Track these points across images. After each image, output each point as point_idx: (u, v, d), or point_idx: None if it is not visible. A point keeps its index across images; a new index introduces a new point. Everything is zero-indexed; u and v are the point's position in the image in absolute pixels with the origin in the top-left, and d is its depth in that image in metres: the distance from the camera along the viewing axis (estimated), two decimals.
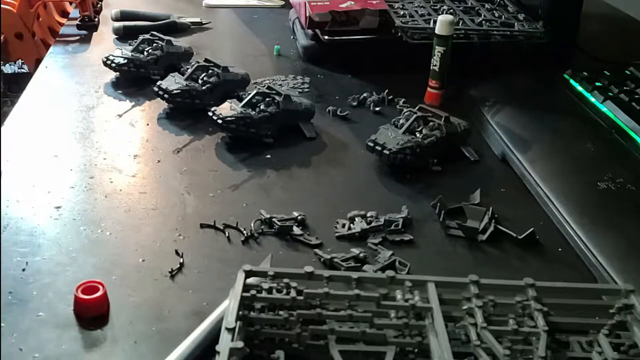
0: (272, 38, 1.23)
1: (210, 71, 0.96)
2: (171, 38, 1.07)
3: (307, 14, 1.08)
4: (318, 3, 1.09)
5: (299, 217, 0.73)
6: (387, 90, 1.02)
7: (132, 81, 1.03)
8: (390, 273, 0.57)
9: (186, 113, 0.94)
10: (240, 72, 0.99)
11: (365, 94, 1.01)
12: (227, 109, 0.87)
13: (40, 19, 1.44)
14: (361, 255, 0.68)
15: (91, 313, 0.59)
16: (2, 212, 0.72)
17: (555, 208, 0.76)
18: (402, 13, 1.11)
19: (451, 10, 1.14)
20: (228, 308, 0.52)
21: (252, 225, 0.72)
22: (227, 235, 0.71)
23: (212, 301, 0.60)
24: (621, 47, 1.24)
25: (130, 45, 1.06)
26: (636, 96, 0.93)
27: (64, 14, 1.48)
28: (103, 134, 0.90)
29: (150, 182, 0.80)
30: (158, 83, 0.95)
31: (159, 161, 0.84)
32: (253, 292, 0.54)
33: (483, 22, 1.11)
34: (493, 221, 0.73)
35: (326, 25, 1.09)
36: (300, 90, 1.04)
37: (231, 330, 0.50)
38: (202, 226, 0.72)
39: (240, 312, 0.53)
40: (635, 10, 1.37)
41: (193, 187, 0.79)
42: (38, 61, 1.27)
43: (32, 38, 1.41)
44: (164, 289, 0.63)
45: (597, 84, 0.97)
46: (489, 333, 0.52)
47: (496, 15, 1.14)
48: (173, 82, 0.94)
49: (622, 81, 0.98)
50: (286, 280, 0.56)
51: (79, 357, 0.55)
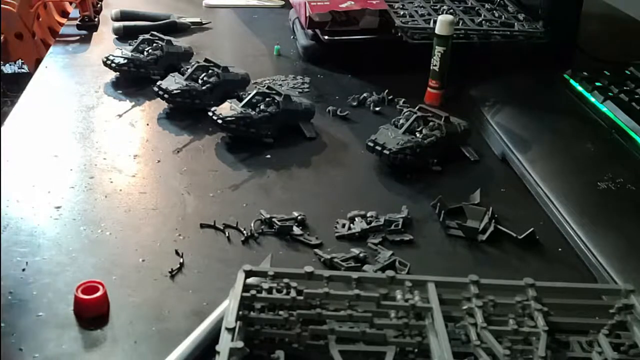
0: (272, 38, 1.23)
1: (210, 71, 0.96)
2: (171, 38, 1.07)
3: (307, 14, 1.08)
4: (318, 3, 1.09)
5: (299, 217, 0.73)
6: (387, 90, 1.02)
7: (132, 81, 1.03)
8: (390, 273, 0.57)
9: (186, 113, 0.94)
10: (240, 72, 0.99)
11: (365, 94, 1.01)
12: (227, 109, 0.87)
13: (40, 19, 1.44)
14: (361, 255, 0.68)
15: (91, 313, 0.59)
16: (2, 212, 0.72)
17: (555, 208, 0.76)
18: (402, 13, 1.11)
19: (451, 10, 1.14)
20: (228, 308, 0.52)
21: (252, 225, 0.72)
22: (227, 235, 0.71)
23: (212, 301, 0.60)
24: (621, 47, 1.24)
25: (130, 45, 1.06)
26: (636, 96, 0.93)
27: (64, 14, 1.48)
28: (103, 134, 0.90)
29: (150, 182, 0.80)
30: (158, 83, 0.95)
31: (159, 161, 0.84)
32: (253, 292, 0.54)
33: (483, 22, 1.11)
34: (493, 221, 0.73)
35: (326, 25, 1.09)
36: (300, 90, 1.04)
37: (231, 330, 0.50)
38: (202, 226, 0.72)
39: (240, 312, 0.53)
40: (635, 10, 1.37)
41: (193, 187, 0.79)
42: (38, 61, 1.27)
43: (32, 38, 1.42)
44: (164, 289, 0.63)
45: (597, 84, 0.97)
46: (489, 333, 0.52)
47: (496, 15, 1.14)
48: (173, 82, 0.94)
49: (622, 81, 0.98)
50: (286, 280, 0.56)
51: (79, 357, 0.55)
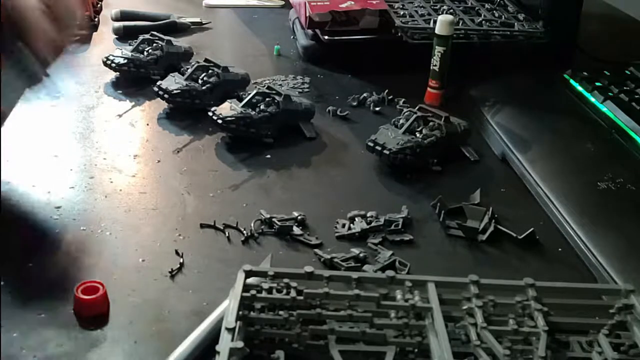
0: (272, 38, 1.23)
1: (210, 71, 0.96)
2: (171, 38, 1.07)
3: (307, 14, 1.08)
4: (318, 3, 1.09)
5: (299, 217, 0.73)
6: (387, 90, 1.02)
7: (132, 81, 1.03)
8: (390, 273, 0.57)
9: (186, 113, 0.94)
10: (240, 72, 0.99)
11: (365, 94, 1.01)
12: (227, 109, 0.87)
13: None
14: (361, 255, 0.68)
15: (91, 313, 0.59)
16: (2, 212, 0.72)
17: (555, 208, 0.76)
18: (402, 13, 1.11)
19: (451, 10, 1.14)
20: (228, 308, 0.52)
21: (252, 225, 0.72)
22: (227, 235, 0.71)
23: (212, 301, 0.60)
24: (621, 47, 1.24)
25: (130, 45, 1.06)
26: (636, 96, 0.93)
27: None
28: (103, 134, 0.90)
29: (150, 182, 0.80)
30: (158, 83, 0.95)
31: (159, 161, 0.84)
32: (253, 292, 0.54)
33: (483, 22, 1.11)
34: (493, 221, 0.73)
35: (326, 25, 1.09)
36: (300, 90, 1.04)
37: (231, 330, 0.50)
38: (202, 226, 0.72)
39: (240, 312, 0.53)
40: (635, 10, 1.37)
41: (193, 187, 0.79)
42: None
43: None
44: (164, 289, 0.63)
45: (597, 84, 0.97)
46: (489, 333, 0.52)
47: (496, 15, 1.14)
48: (173, 82, 0.94)
49: (622, 81, 0.98)
50: (286, 280, 0.56)
51: (79, 357, 0.55)
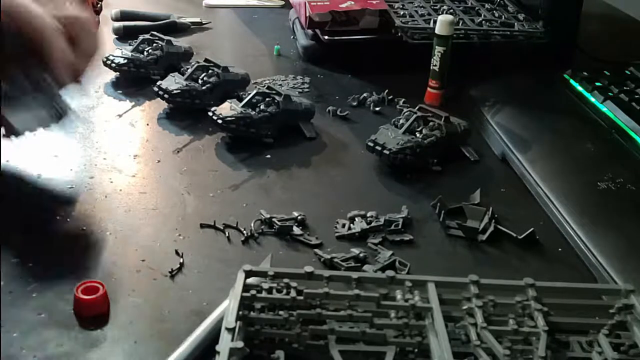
0: (272, 38, 1.23)
1: (210, 71, 0.96)
2: (171, 38, 1.06)
3: (307, 14, 1.08)
4: (318, 3, 1.09)
5: (299, 217, 0.73)
6: (387, 90, 1.02)
7: (132, 81, 1.03)
8: (390, 273, 0.57)
9: (186, 113, 0.94)
10: (240, 72, 0.99)
11: (365, 94, 1.01)
12: (227, 109, 0.87)
13: None
14: (361, 255, 0.68)
15: (91, 313, 0.59)
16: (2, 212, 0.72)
17: (555, 208, 0.76)
18: (402, 13, 1.11)
19: (451, 10, 1.14)
20: (228, 308, 0.52)
21: (252, 225, 0.72)
22: (227, 235, 0.71)
23: (212, 301, 0.60)
24: (621, 47, 1.24)
25: (130, 45, 1.06)
26: (636, 96, 0.93)
27: None
28: (103, 134, 0.90)
29: (150, 182, 0.80)
30: (158, 83, 0.95)
31: (159, 161, 0.84)
32: (253, 292, 0.54)
33: (483, 22, 1.11)
34: (493, 221, 0.73)
35: (326, 25, 1.09)
36: (300, 90, 1.04)
37: (231, 330, 0.50)
38: (202, 226, 0.72)
39: (240, 312, 0.53)
40: (635, 10, 1.37)
41: (193, 187, 0.79)
42: None
43: None
44: (164, 289, 0.63)
45: (597, 84, 0.97)
46: (489, 333, 0.52)
47: (496, 15, 1.14)
48: (173, 82, 0.94)
49: (622, 81, 0.98)
50: (286, 280, 0.56)
51: (79, 357, 0.55)
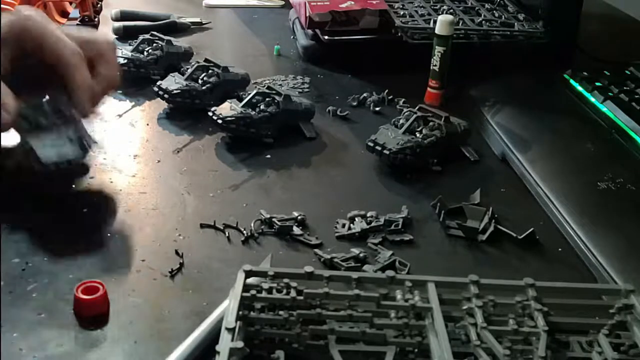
0: (272, 38, 1.23)
1: (210, 71, 0.96)
2: (171, 38, 1.06)
3: (307, 14, 1.08)
4: (318, 3, 1.09)
5: (299, 217, 0.73)
6: (387, 90, 1.02)
7: (132, 81, 1.03)
8: (390, 273, 0.57)
9: (186, 113, 0.94)
10: (240, 72, 0.99)
11: (365, 94, 1.01)
12: (227, 109, 0.87)
13: None
14: (361, 255, 0.68)
15: (91, 313, 0.59)
16: (2, 212, 0.72)
17: (555, 208, 0.76)
18: (402, 13, 1.11)
19: (451, 10, 1.14)
20: (228, 308, 0.52)
21: (252, 225, 0.72)
22: (227, 235, 0.71)
23: (212, 301, 0.60)
24: (621, 47, 1.24)
25: (130, 45, 1.06)
26: (636, 96, 0.93)
27: (64, 14, 1.48)
28: (103, 134, 0.90)
29: (150, 182, 0.80)
30: (158, 83, 0.95)
31: (159, 161, 0.84)
32: (253, 292, 0.54)
33: (483, 22, 1.11)
34: (493, 221, 0.73)
35: (326, 25, 1.09)
36: (300, 90, 1.04)
37: (231, 330, 0.50)
38: (202, 226, 0.72)
39: (240, 312, 0.53)
40: (635, 10, 1.37)
41: (193, 187, 0.79)
42: None
43: None
44: (164, 289, 0.63)
45: (597, 84, 0.97)
46: (489, 333, 0.52)
47: (496, 15, 1.14)
48: (173, 82, 0.94)
49: (622, 81, 0.98)
50: (286, 280, 0.56)
51: (79, 357, 0.55)
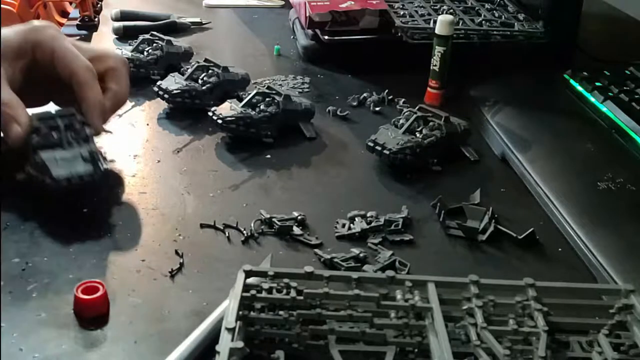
0: (272, 38, 1.23)
1: (210, 71, 0.96)
2: (171, 38, 1.06)
3: (307, 14, 1.08)
4: (318, 3, 1.09)
5: (299, 217, 0.73)
6: (387, 90, 1.02)
7: (132, 81, 1.01)
8: (390, 273, 0.57)
9: (186, 113, 0.94)
10: (240, 72, 0.99)
11: (365, 94, 1.01)
12: (227, 109, 0.87)
13: (40, 19, 1.44)
14: (361, 255, 0.68)
15: (91, 313, 0.59)
16: (2, 212, 0.72)
17: (555, 208, 0.76)
18: (402, 13, 1.11)
19: (451, 10, 1.14)
20: (228, 308, 0.52)
21: (252, 225, 0.72)
22: (227, 235, 0.71)
23: (212, 301, 0.60)
24: (621, 47, 1.24)
25: (130, 45, 1.06)
26: (636, 96, 0.93)
27: (64, 14, 1.48)
28: (103, 134, 0.90)
29: (150, 182, 0.80)
30: (158, 83, 0.95)
31: (159, 161, 0.84)
32: (253, 292, 0.54)
33: (483, 22, 1.11)
34: (493, 221, 0.73)
35: (326, 25, 1.09)
36: (300, 90, 1.04)
37: (231, 330, 0.50)
38: (202, 226, 0.72)
39: (240, 312, 0.53)
40: (635, 10, 1.37)
41: (193, 187, 0.79)
42: None
43: None
44: (164, 289, 0.63)
45: (597, 84, 0.97)
46: (489, 333, 0.52)
47: (496, 15, 1.14)
48: (173, 82, 0.94)
49: (622, 81, 0.98)
50: (286, 280, 0.56)
51: (79, 357, 0.55)
